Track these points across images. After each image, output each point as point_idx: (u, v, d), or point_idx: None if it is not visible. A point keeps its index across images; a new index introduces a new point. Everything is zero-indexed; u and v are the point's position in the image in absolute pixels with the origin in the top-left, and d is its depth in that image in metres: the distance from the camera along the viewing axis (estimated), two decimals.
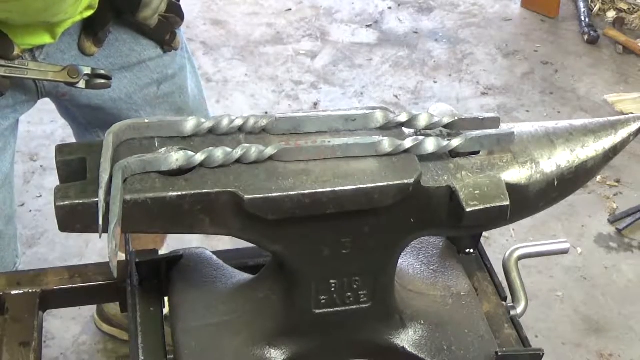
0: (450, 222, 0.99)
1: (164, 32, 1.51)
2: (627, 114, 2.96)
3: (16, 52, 1.31)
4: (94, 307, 2.28)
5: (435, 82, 3.38)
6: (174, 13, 1.49)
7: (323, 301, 1.04)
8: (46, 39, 1.36)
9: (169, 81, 1.61)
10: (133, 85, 1.55)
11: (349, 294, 1.04)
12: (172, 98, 1.63)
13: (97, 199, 0.88)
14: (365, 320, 1.07)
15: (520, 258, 1.25)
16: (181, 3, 1.52)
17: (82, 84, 1.39)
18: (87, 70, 1.39)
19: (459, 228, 1.00)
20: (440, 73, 3.44)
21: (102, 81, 1.41)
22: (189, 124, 0.96)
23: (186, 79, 1.66)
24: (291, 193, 0.91)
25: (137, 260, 1.16)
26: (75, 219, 0.89)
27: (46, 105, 1.66)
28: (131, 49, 1.51)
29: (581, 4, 3.78)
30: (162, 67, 1.57)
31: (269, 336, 1.06)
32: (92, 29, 1.42)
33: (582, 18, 3.71)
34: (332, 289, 1.03)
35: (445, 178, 0.97)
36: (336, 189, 0.92)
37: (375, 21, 3.78)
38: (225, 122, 0.97)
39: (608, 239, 2.69)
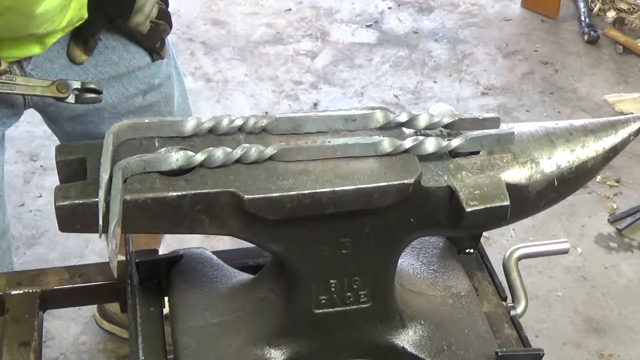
0: (450, 222, 0.99)
1: (155, 39, 1.48)
2: (627, 114, 2.97)
3: (3, 66, 1.28)
4: (94, 306, 2.28)
5: (435, 82, 3.38)
6: (164, 20, 1.46)
7: (323, 301, 1.04)
8: (35, 50, 1.34)
9: (155, 91, 1.58)
10: (120, 95, 1.52)
11: (349, 294, 1.04)
12: (156, 107, 1.60)
13: (97, 199, 0.87)
14: (365, 320, 1.07)
15: (520, 258, 1.25)
16: (181, 3, 1.51)
17: (71, 99, 1.35)
18: (77, 85, 1.35)
19: (459, 228, 1.00)
20: (440, 73, 3.44)
21: (92, 95, 1.37)
22: (189, 124, 0.96)
23: (172, 88, 1.64)
24: (291, 193, 0.91)
25: (137, 260, 1.16)
26: (75, 219, 0.89)
27: None
28: (120, 56, 1.48)
29: (581, 4, 3.78)
30: (149, 76, 1.55)
31: (269, 336, 1.06)
32: (82, 37, 1.39)
33: (582, 18, 3.71)
34: (332, 289, 1.03)
35: (445, 178, 0.97)
36: (336, 189, 0.92)
37: (375, 21, 3.78)
38: (225, 122, 0.97)
39: (608, 239, 2.69)
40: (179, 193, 0.90)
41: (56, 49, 1.39)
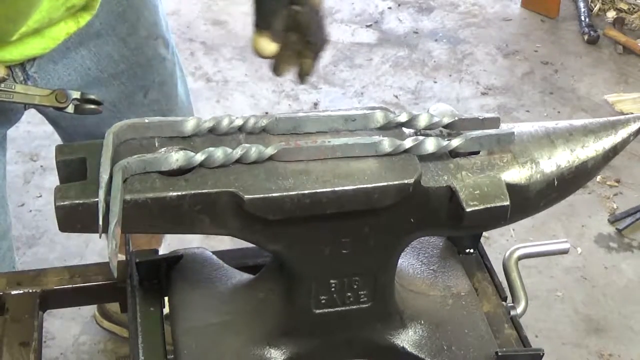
0: (450, 222, 0.99)
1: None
2: (627, 114, 2.97)
3: (2, 74, 1.26)
4: (94, 306, 2.28)
5: (435, 82, 3.38)
6: None
7: (323, 301, 1.04)
8: (38, 50, 1.32)
9: (157, 89, 1.57)
10: (119, 93, 1.51)
11: (349, 294, 1.04)
12: (157, 105, 1.59)
13: (97, 199, 0.87)
14: (365, 320, 1.07)
15: (520, 258, 1.25)
16: (181, 3, 1.50)
17: (70, 109, 1.33)
18: (76, 95, 1.33)
19: (459, 228, 1.00)
20: (440, 73, 3.44)
21: (92, 107, 1.34)
22: (189, 124, 0.96)
23: (175, 85, 1.63)
24: (291, 193, 0.90)
25: (137, 260, 1.15)
26: (75, 219, 0.89)
27: None
28: (121, 54, 1.47)
29: (581, 4, 3.78)
30: (149, 74, 1.54)
31: (269, 336, 1.06)
32: (262, 20, 1.17)
33: (582, 18, 3.71)
34: (332, 289, 1.03)
35: (445, 178, 0.97)
36: (336, 189, 0.91)
37: (375, 21, 3.78)
38: (225, 122, 0.97)
39: (608, 239, 2.69)
40: (179, 193, 0.90)
41: (59, 49, 1.38)
